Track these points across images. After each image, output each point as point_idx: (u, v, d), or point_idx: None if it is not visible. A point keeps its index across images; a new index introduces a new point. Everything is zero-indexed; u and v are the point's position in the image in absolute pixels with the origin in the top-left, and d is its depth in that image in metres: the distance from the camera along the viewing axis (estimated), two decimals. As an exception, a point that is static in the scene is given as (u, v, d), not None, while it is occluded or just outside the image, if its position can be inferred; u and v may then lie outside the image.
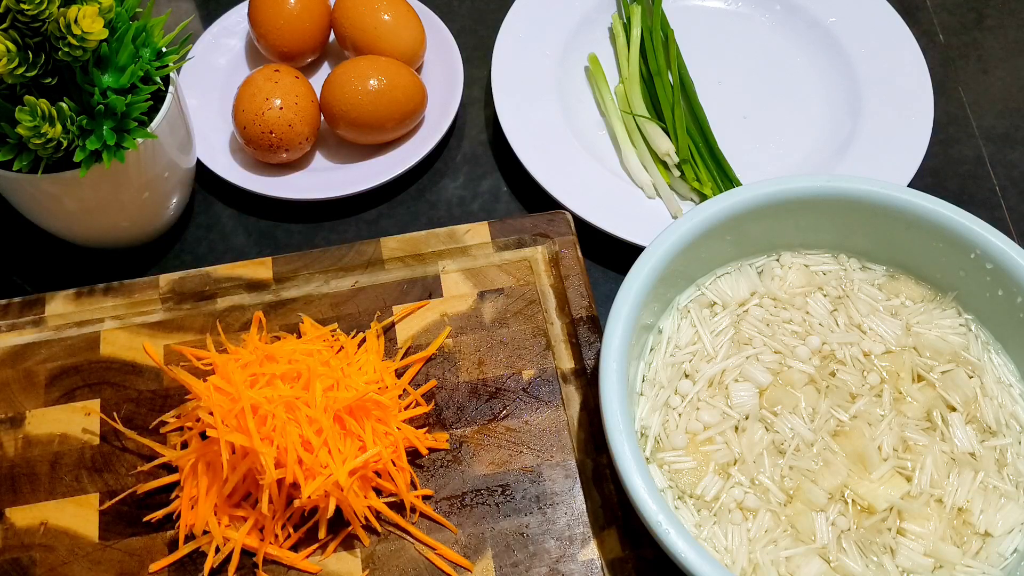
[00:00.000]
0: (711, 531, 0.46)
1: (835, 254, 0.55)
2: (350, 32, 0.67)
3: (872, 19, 0.73)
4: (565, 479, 0.51)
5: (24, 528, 0.49)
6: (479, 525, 0.49)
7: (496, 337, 0.55)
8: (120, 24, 0.51)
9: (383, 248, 0.58)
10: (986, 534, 0.47)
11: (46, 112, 0.48)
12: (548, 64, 0.70)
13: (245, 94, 0.63)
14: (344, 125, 0.64)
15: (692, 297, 0.54)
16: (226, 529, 0.48)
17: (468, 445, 0.52)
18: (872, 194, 0.52)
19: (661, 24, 0.72)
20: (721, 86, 0.71)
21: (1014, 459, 0.49)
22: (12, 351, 0.55)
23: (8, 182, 0.53)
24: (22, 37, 0.47)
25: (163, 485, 0.50)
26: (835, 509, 0.47)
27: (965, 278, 0.52)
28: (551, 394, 0.53)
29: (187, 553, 0.48)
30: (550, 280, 0.58)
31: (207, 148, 0.65)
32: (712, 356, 0.51)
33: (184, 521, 0.48)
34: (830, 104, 0.71)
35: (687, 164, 0.65)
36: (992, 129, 0.72)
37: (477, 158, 0.70)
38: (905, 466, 0.48)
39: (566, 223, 0.60)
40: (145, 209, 0.59)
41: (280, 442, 0.46)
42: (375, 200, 0.67)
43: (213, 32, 0.72)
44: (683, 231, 0.50)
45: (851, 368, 0.51)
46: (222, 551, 0.48)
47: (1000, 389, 0.51)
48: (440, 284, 0.57)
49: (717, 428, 0.49)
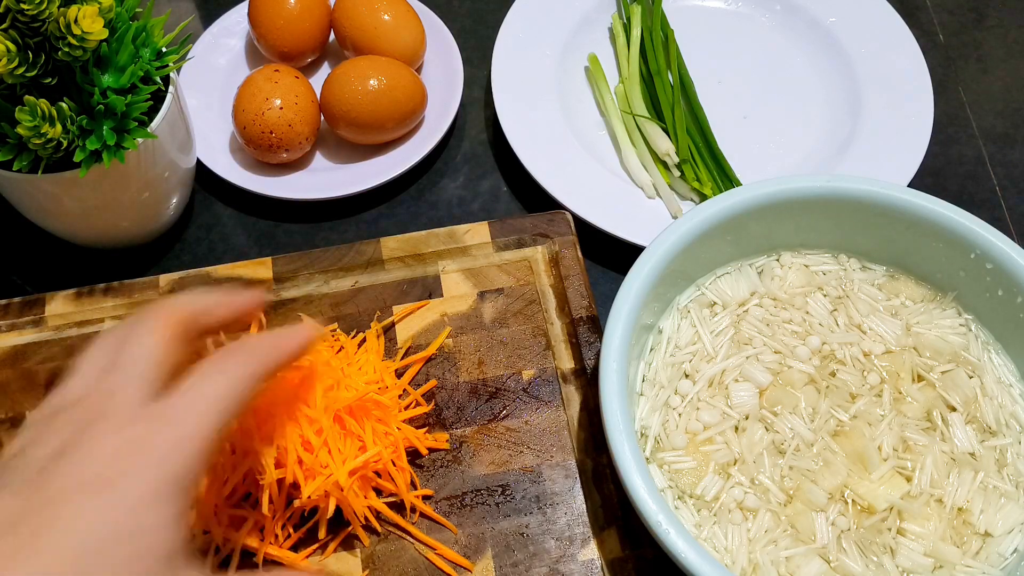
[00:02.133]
0: (711, 531, 0.46)
1: (835, 254, 0.55)
2: (350, 32, 0.67)
3: (872, 19, 0.73)
4: (565, 479, 0.51)
5: (24, 528, 0.49)
6: (479, 525, 0.49)
7: (496, 337, 0.55)
8: (120, 24, 0.51)
9: (383, 248, 0.58)
10: (986, 534, 0.47)
11: (46, 112, 0.48)
12: (548, 64, 0.70)
13: (245, 94, 0.63)
14: (344, 125, 0.64)
15: (692, 297, 0.54)
16: (226, 529, 0.48)
17: (468, 445, 0.52)
18: (872, 194, 0.52)
19: (661, 24, 0.72)
20: (721, 86, 0.71)
21: (1014, 459, 0.49)
22: (12, 351, 0.55)
23: (8, 182, 0.53)
24: (22, 37, 0.47)
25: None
26: (835, 509, 0.47)
27: (965, 278, 0.52)
28: (551, 394, 0.54)
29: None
30: (550, 280, 0.58)
31: (207, 148, 0.65)
32: (712, 356, 0.51)
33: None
34: (830, 104, 0.71)
35: (687, 164, 0.65)
36: (992, 129, 0.72)
37: (477, 158, 0.70)
38: (905, 466, 0.48)
39: (566, 223, 0.60)
40: (145, 209, 0.59)
41: (280, 442, 0.46)
42: (375, 200, 0.67)
43: (213, 32, 0.72)
44: (683, 231, 0.50)
45: (851, 368, 0.51)
46: (222, 551, 0.47)
47: (1000, 389, 0.51)
48: (440, 284, 0.57)
49: (717, 428, 0.49)
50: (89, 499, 0.33)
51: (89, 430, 0.35)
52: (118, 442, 0.35)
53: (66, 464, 0.34)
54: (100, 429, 0.35)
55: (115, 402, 0.37)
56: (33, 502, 0.33)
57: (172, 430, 0.36)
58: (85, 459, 0.34)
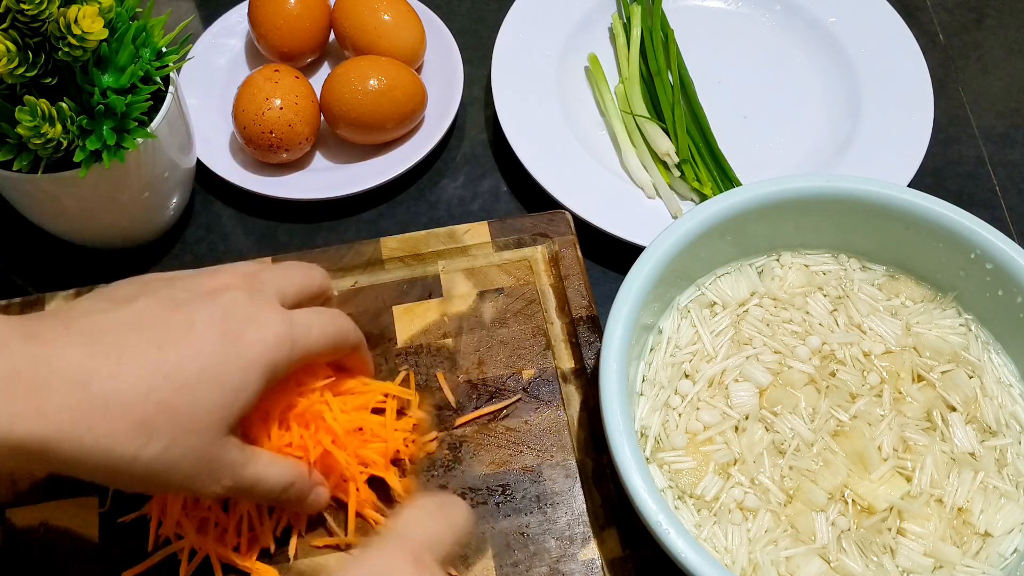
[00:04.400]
0: (711, 531, 0.46)
1: (835, 254, 0.55)
2: (350, 32, 0.67)
3: (872, 19, 0.73)
4: (565, 479, 0.51)
5: (24, 528, 0.49)
6: (479, 525, 0.49)
7: (496, 337, 0.55)
8: (120, 24, 0.51)
9: (383, 248, 0.58)
10: (986, 534, 0.47)
11: (46, 112, 0.48)
12: (548, 64, 0.70)
13: (245, 94, 0.63)
14: (344, 125, 0.64)
15: (692, 297, 0.54)
16: (198, 536, 0.47)
17: (468, 445, 0.52)
18: (872, 194, 0.52)
19: (661, 24, 0.72)
20: (721, 86, 0.71)
21: (1014, 459, 0.49)
22: (12, 351, 0.55)
23: (8, 182, 0.53)
24: (22, 37, 0.47)
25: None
26: (835, 509, 0.47)
27: (965, 278, 0.52)
28: (551, 394, 0.54)
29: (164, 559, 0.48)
30: (550, 280, 0.58)
31: (207, 148, 0.65)
32: (712, 356, 0.51)
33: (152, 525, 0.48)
34: (830, 104, 0.71)
35: (687, 164, 0.65)
36: (992, 129, 0.72)
37: (477, 158, 0.70)
38: (905, 466, 0.48)
39: (566, 223, 0.60)
40: (145, 209, 0.59)
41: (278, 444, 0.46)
42: (375, 200, 0.67)
43: (213, 32, 0.72)
44: (683, 231, 0.50)
45: (851, 368, 0.51)
46: (197, 558, 0.47)
47: (1000, 389, 0.51)
48: (440, 284, 0.57)
49: (717, 428, 0.49)
50: (210, 336, 0.40)
51: (234, 297, 0.42)
52: (248, 311, 0.41)
53: (205, 302, 0.41)
54: (238, 297, 0.42)
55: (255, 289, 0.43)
56: (171, 313, 0.40)
57: (289, 330, 0.42)
58: (221, 307, 0.41)
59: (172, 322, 0.40)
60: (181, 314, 0.40)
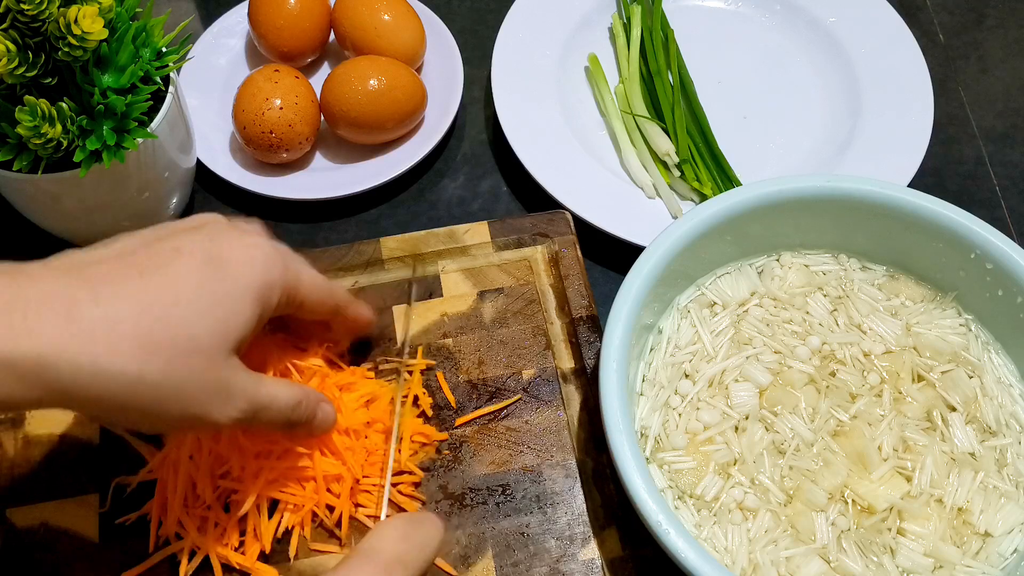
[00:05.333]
0: (711, 531, 0.46)
1: (835, 254, 0.55)
2: (350, 32, 0.67)
3: (872, 19, 0.73)
4: (565, 479, 0.51)
5: (24, 528, 0.49)
6: (479, 525, 0.49)
7: (496, 337, 0.55)
8: (120, 24, 0.51)
9: (383, 248, 0.58)
10: (986, 534, 0.47)
11: (46, 112, 0.48)
12: (548, 64, 0.70)
13: (245, 94, 0.63)
14: (344, 125, 0.64)
15: (692, 297, 0.54)
16: (198, 536, 0.47)
17: (468, 445, 0.52)
18: (872, 194, 0.52)
19: (661, 24, 0.72)
20: (721, 86, 0.72)
21: (1014, 459, 0.49)
22: (12, 351, 0.55)
23: (8, 182, 0.53)
24: (22, 37, 0.47)
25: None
26: (835, 509, 0.47)
27: (965, 278, 0.52)
28: (551, 394, 0.54)
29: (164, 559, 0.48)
30: (550, 280, 0.58)
31: (207, 148, 0.65)
32: (712, 356, 0.51)
33: (153, 525, 0.48)
34: (830, 104, 0.71)
35: (687, 164, 0.65)
36: (992, 129, 0.72)
37: (477, 158, 0.70)
38: (905, 466, 0.48)
39: (566, 223, 0.60)
40: (145, 209, 0.59)
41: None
42: (375, 200, 0.67)
43: (213, 32, 0.72)
44: (683, 231, 0.50)
45: (851, 368, 0.51)
46: (197, 557, 0.47)
47: (1000, 389, 0.51)
48: (440, 284, 0.57)
49: (717, 428, 0.49)
50: (196, 259, 0.39)
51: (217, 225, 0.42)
52: (233, 235, 0.41)
53: (188, 232, 0.41)
54: (222, 226, 0.42)
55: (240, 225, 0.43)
56: (153, 243, 0.40)
57: (279, 252, 0.43)
58: (206, 232, 0.41)
59: (155, 250, 0.39)
60: (164, 244, 0.40)
